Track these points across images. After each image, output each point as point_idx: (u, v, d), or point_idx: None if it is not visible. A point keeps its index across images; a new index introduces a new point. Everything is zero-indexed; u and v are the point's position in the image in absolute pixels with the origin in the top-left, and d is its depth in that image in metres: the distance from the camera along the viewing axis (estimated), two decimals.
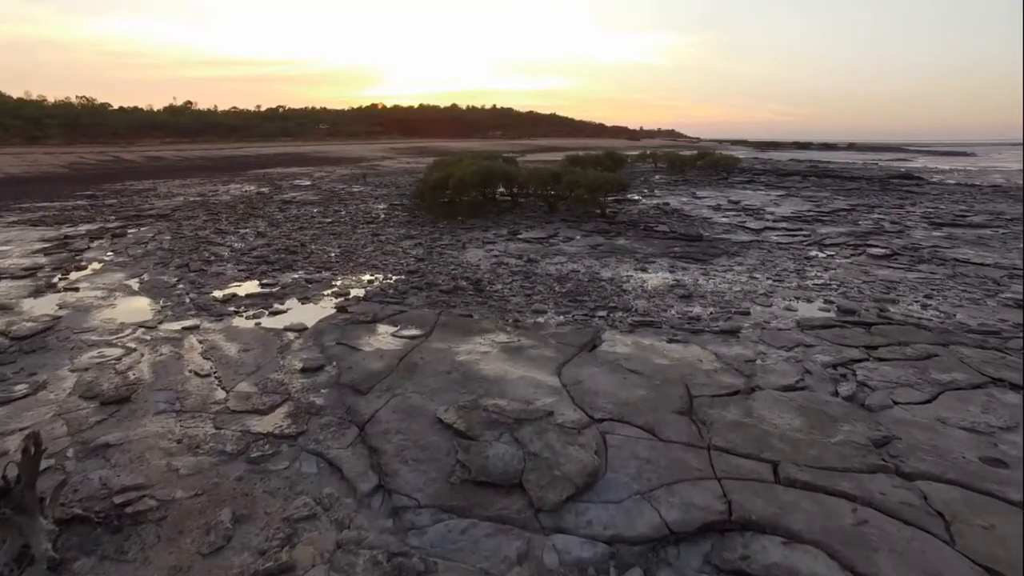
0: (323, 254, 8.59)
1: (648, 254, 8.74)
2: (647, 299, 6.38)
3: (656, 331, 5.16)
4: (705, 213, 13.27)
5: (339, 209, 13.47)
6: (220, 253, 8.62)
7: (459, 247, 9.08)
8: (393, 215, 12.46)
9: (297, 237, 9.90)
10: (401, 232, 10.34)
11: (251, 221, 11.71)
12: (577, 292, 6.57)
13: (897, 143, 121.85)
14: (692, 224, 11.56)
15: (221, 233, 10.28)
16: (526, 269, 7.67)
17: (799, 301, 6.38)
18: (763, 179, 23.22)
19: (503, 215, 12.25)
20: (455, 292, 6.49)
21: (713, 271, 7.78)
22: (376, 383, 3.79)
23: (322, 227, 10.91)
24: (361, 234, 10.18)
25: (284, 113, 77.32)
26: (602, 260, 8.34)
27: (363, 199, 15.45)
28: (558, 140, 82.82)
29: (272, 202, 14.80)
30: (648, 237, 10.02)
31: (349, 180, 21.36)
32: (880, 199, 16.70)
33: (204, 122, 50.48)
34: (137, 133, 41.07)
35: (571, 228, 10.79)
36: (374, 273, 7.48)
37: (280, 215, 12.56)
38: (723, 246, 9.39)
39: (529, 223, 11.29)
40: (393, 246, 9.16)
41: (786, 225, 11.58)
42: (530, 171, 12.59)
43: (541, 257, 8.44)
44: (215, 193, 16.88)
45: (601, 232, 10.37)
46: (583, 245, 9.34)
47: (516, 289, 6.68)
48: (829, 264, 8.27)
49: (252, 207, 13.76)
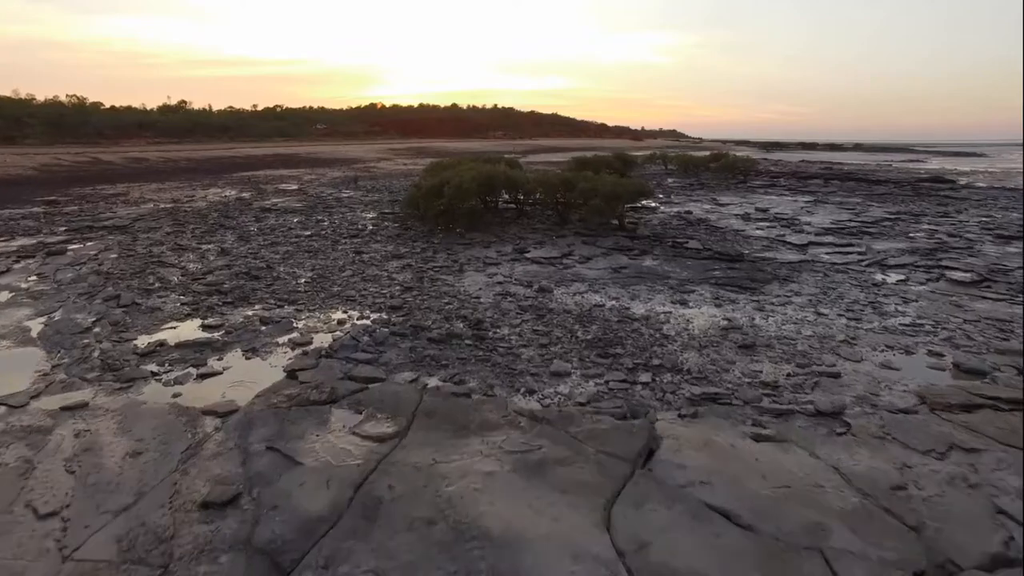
0: (291, 280, 7.10)
1: (684, 280, 7.25)
2: (698, 350, 4.90)
3: (728, 412, 3.68)
4: (735, 224, 11.77)
5: (322, 219, 11.99)
6: (168, 278, 7.14)
7: (455, 270, 7.59)
8: (382, 227, 10.97)
9: (266, 256, 8.42)
10: (388, 249, 8.85)
11: (219, 234, 10.23)
12: (607, 340, 5.08)
13: (902, 143, 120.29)
14: (725, 238, 10.06)
15: (179, 250, 8.80)
16: (538, 302, 6.18)
17: (895, 353, 4.90)
18: (783, 183, 21.73)
19: (507, 227, 10.76)
20: (448, 341, 5.00)
21: (768, 304, 6.30)
22: (310, 546, 2.31)
23: (298, 242, 9.43)
24: (341, 252, 8.69)
25: (280, 112, 75.83)
26: (630, 288, 6.85)
27: (351, 206, 13.97)
28: (560, 140, 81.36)
29: (250, 210, 13.32)
30: (679, 256, 8.52)
31: (339, 184, 19.88)
32: (919, 205, 15.21)
33: (195, 121, 48.90)
34: (124, 133, 39.55)
35: (587, 244, 9.29)
36: (348, 308, 5.99)
37: (254, 226, 11.08)
38: (770, 269, 7.90)
39: (538, 237, 9.80)
40: (377, 268, 7.68)
41: (832, 240, 10.08)
42: (538, 177, 11.10)
43: (555, 284, 6.95)
44: (191, 199, 15.40)
45: (623, 249, 8.88)
46: (604, 267, 7.84)
47: (527, 335, 5.19)
48: (906, 294, 6.77)
49: (226, 216, 12.29)
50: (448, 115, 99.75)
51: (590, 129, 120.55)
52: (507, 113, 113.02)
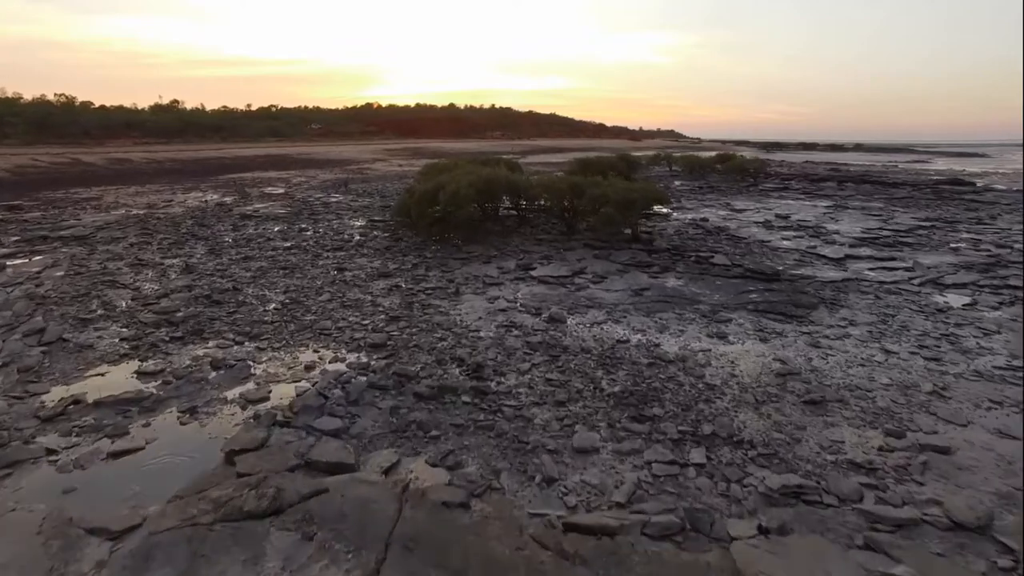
0: (259, 306, 6.06)
1: (717, 305, 6.22)
2: (755, 408, 3.89)
3: (825, 520, 2.67)
4: (758, 233, 10.76)
5: (305, 227, 10.94)
6: (115, 303, 6.10)
7: (451, 292, 6.56)
8: (370, 237, 9.92)
9: (235, 273, 7.37)
10: (375, 266, 7.81)
11: (189, 245, 9.18)
12: (639, 394, 4.05)
13: (902, 143, 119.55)
14: (752, 251, 9.04)
15: (138, 266, 7.75)
16: (549, 337, 5.15)
17: (1007, 411, 3.89)
18: (796, 186, 20.72)
19: (509, 237, 9.73)
20: (440, 397, 3.96)
21: (821, 337, 5.29)
22: None
23: (275, 256, 8.38)
24: (321, 269, 7.65)
25: (275, 112, 74.55)
26: (656, 317, 5.82)
27: (339, 212, 12.91)
28: (559, 141, 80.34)
29: (229, 217, 12.26)
30: (706, 274, 7.50)
31: (329, 187, 18.81)
32: (947, 211, 14.22)
33: (186, 121, 47.63)
34: (111, 133, 38.32)
35: (600, 259, 8.26)
36: (321, 346, 4.96)
37: (230, 236, 10.03)
38: (812, 289, 6.88)
39: (543, 250, 8.76)
40: (360, 290, 6.64)
41: (870, 252, 9.07)
42: (543, 182, 10.07)
43: (568, 312, 5.92)
44: (168, 204, 14.33)
45: (641, 266, 7.85)
46: (622, 288, 6.82)
47: (539, 385, 4.16)
48: (981, 322, 5.76)
49: (201, 224, 11.23)
50: (445, 115, 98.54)
51: (588, 129, 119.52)
52: (505, 113, 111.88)
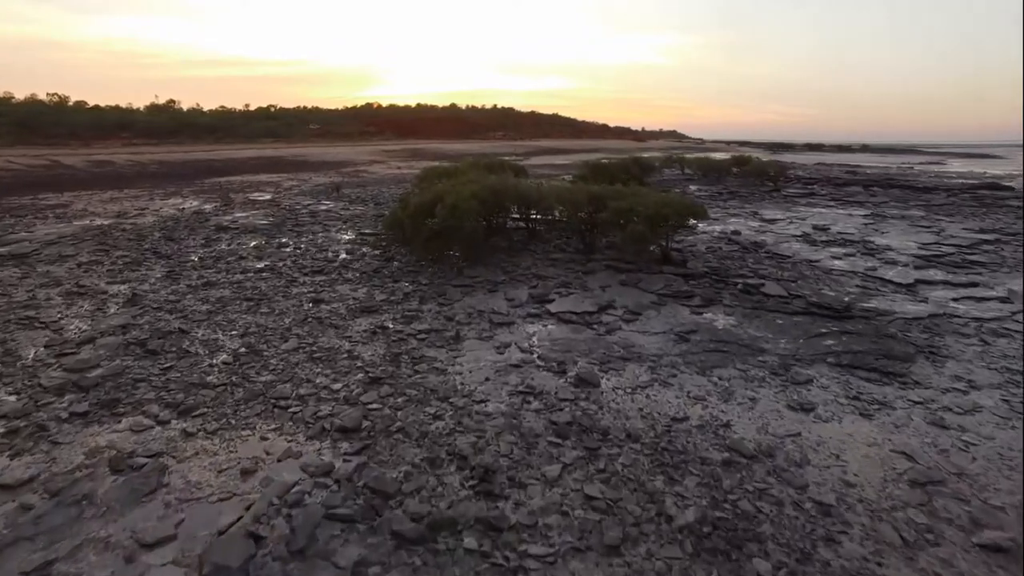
0: (205, 358, 4.75)
1: (787, 356, 4.90)
2: (905, 558, 2.57)
3: None
4: (801, 250, 9.43)
5: (286, 243, 9.63)
6: (19, 352, 4.82)
7: (450, 337, 5.24)
8: (357, 255, 8.61)
9: (189, 307, 6.07)
10: (359, 296, 6.49)
11: (146, 266, 7.88)
12: (724, 526, 2.74)
13: (907, 144, 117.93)
14: (801, 273, 7.71)
15: (76, 295, 6.46)
16: (582, 414, 3.84)
17: None
18: (820, 190, 19.38)
19: (518, 256, 8.41)
20: (432, 540, 2.64)
21: (941, 409, 3.98)
22: None
23: (243, 281, 7.08)
24: (294, 300, 6.34)
25: (273, 112, 73.23)
26: (714, 376, 4.50)
27: (326, 223, 11.60)
28: (562, 141, 79.00)
29: (203, 228, 10.96)
30: (761, 308, 6.16)
31: (320, 192, 17.49)
32: (1001, 220, 12.88)
33: (180, 122, 46.33)
34: (100, 134, 37.02)
35: (628, 286, 6.94)
36: (272, 429, 3.64)
37: (198, 253, 8.73)
38: (897, 330, 5.55)
39: (559, 273, 7.44)
40: (336, 333, 5.32)
41: (942, 276, 7.75)
42: (557, 192, 8.74)
43: (600, 366, 4.61)
44: (141, 212, 13.03)
45: (680, 296, 6.52)
46: (663, 330, 5.49)
47: (576, 510, 2.85)
48: None
49: (169, 238, 9.93)
50: (446, 115, 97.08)
51: (591, 130, 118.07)
52: (507, 113, 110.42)
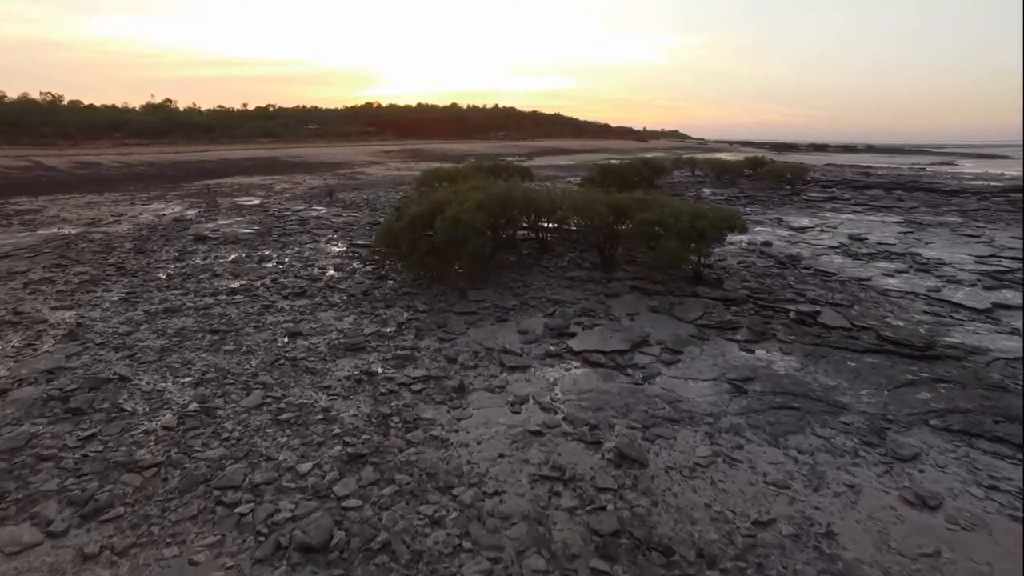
0: (141, 421, 3.74)
1: (876, 417, 3.88)
2: None
3: None
4: (844, 264, 8.42)
5: (268, 255, 8.63)
6: None
7: (452, 390, 4.22)
8: (347, 272, 7.62)
9: (140, 341, 5.07)
10: (344, 328, 5.48)
11: (104, 286, 6.89)
12: None
13: (913, 145, 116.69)
14: (855, 296, 6.70)
15: (5, 326, 5.46)
16: (630, 514, 2.83)
17: None
18: (841, 194, 18.35)
19: (529, 275, 7.40)
20: None
21: None
22: None
23: (211, 307, 6.08)
24: (268, 333, 5.34)
25: (270, 112, 72.19)
26: (790, 447, 3.49)
27: (316, 233, 10.60)
28: (564, 141, 77.97)
29: (180, 238, 9.97)
30: (823, 344, 5.13)
31: (313, 196, 16.48)
32: None
33: (174, 121, 45.28)
34: (91, 133, 36.00)
35: (660, 313, 5.92)
36: (207, 552, 2.63)
37: (167, 269, 7.74)
38: (1002, 376, 4.53)
39: (578, 296, 6.43)
40: (312, 381, 4.32)
41: (1017, 298, 6.73)
42: (573, 200, 7.72)
43: (644, 432, 3.60)
44: (117, 219, 12.04)
45: (723, 328, 5.50)
46: (713, 376, 4.48)
47: None
48: None
49: (140, 250, 8.94)
50: (447, 115, 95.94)
51: (593, 130, 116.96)
52: (508, 113, 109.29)
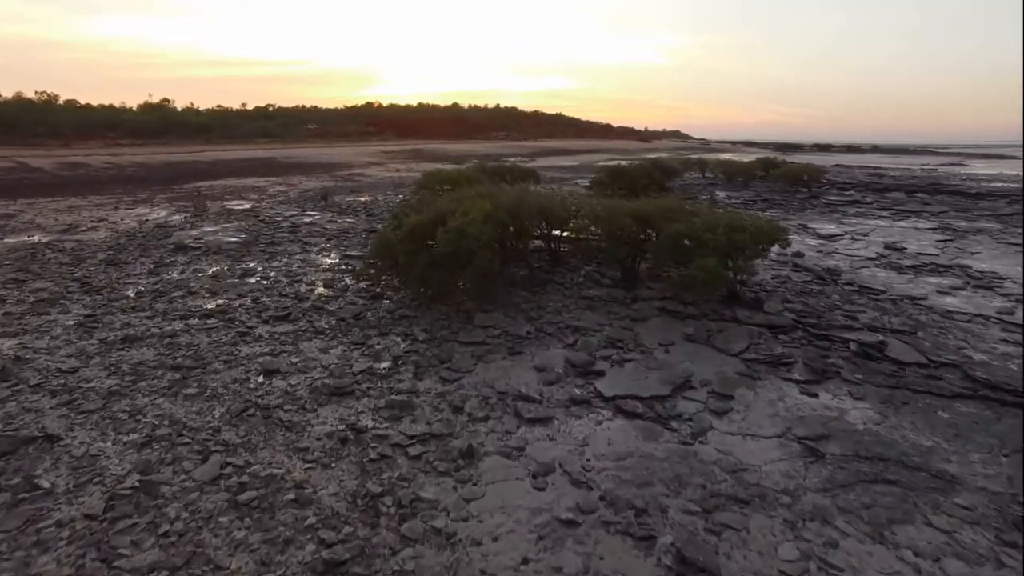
0: (58, 507, 2.93)
1: (1002, 496, 3.05)
2: None
3: None
4: (888, 279, 7.60)
5: (252, 269, 7.82)
6: None
7: (459, 455, 3.39)
8: (337, 289, 6.80)
9: (85, 381, 4.25)
10: (330, 364, 4.66)
11: (60, 306, 6.09)
12: None
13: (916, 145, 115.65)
14: (914, 319, 5.87)
15: None
16: None
17: None
18: (860, 197, 17.52)
19: (542, 293, 6.58)
20: None
21: None
22: None
23: (179, 334, 5.26)
24: (240, 371, 4.52)
25: (269, 112, 71.38)
26: (902, 548, 2.67)
27: (307, 241, 9.79)
28: (566, 141, 77.13)
29: (160, 247, 9.16)
30: (899, 386, 4.29)
31: (308, 200, 15.65)
32: None
33: (171, 121, 44.47)
34: (85, 134, 35.22)
35: (697, 342, 5.10)
36: None
37: (139, 285, 6.94)
38: None
39: (600, 320, 5.61)
40: (287, 443, 3.50)
41: None
42: (592, 211, 6.90)
43: (705, 520, 2.78)
44: (96, 225, 11.24)
45: (774, 362, 4.67)
46: (777, 433, 3.65)
47: None
48: None
49: (112, 262, 8.14)
50: (448, 115, 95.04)
51: (595, 130, 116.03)
52: (509, 113, 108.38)
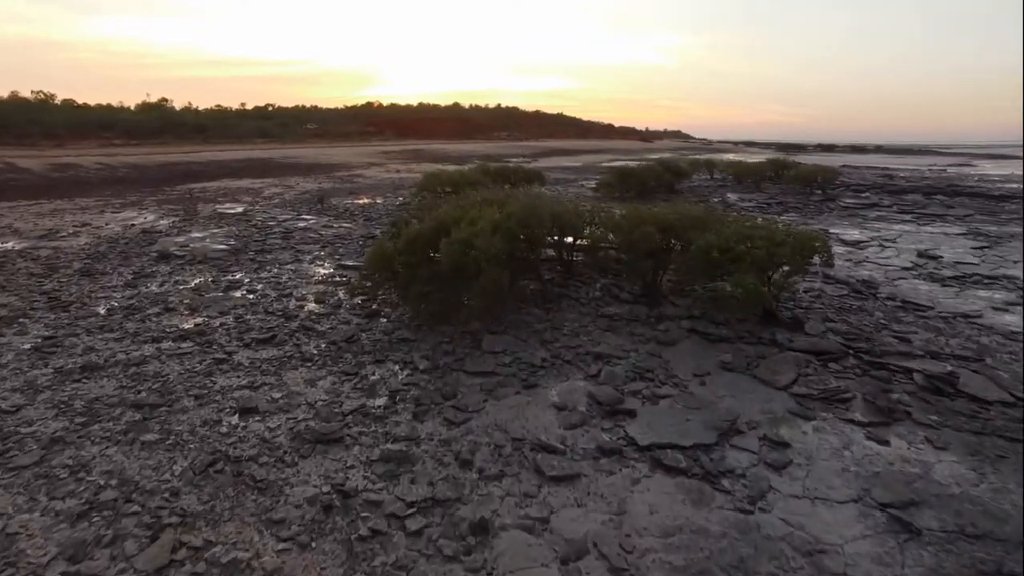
0: None
1: None
2: None
3: None
4: (931, 292, 6.97)
5: (238, 281, 7.19)
6: None
7: (469, 529, 2.75)
8: (330, 305, 6.17)
9: (26, 424, 3.63)
10: (316, 402, 4.02)
11: (18, 326, 5.46)
12: None
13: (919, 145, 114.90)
14: (977, 343, 5.23)
15: None
16: None
17: None
18: (878, 199, 16.87)
19: (556, 310, 5.94)
20: None
21: None
22: None
23: (146, 362, 4.63)
24: (211, 409, 3.88)
25: (268, 112, 70.77)
26: None
27: (300, 249, 9.15)
28: (568, 142, 76.50)
29: (141, 256, 8.54)
30: (985, 431, 3.65)
31: (304, 203, 15.02)
32: None
33: (167, 121, 43.85)
34: (80, 133, 34.60)
35: (737, 372, 4.46)
36: None
37: (111, 300, 6.31)
38: None
39: (626, 346, 4.97)
40: (258, 511, 2.86)
41: None
42: (610, 219, 6.25)
43: None
44: (77, 231, 10.62)
45: (828, 400, 4.02)
46: (853, 498, 3.00)
47: None
48: None
49: (89, 271, 7.53)
50: (449, 115, 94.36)
51: (597, 130, 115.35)
52: (511, 113, 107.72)
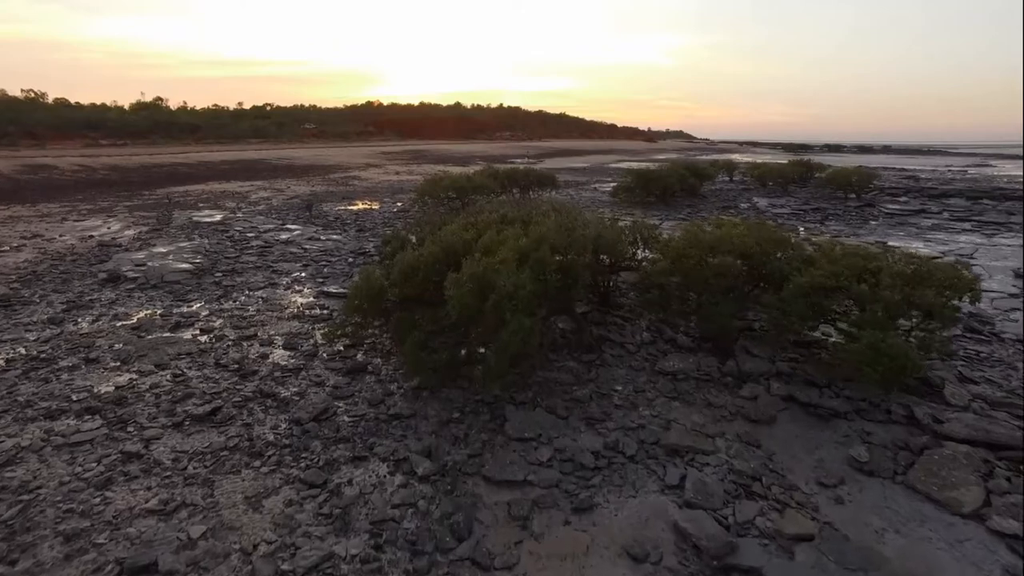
0: None
1: None
2: None
3: None
4: None
5: (195, 313, 5.77)
6: None
7: None
8: (302, 353, 4.75)
9: None
10: (258, 544, 2.60)
11: None
12: None
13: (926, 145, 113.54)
14: None
15: None
16: None
17: None
18: (921, 204, 15.43)
19: (598, 364, 4.52)
20: None
21: None
22: None
23: (23, 459, 3.22)
24: (88, 563, 2.45)
25: (265, 111, 69.38)
26: None
27: (277, 268, 7.74)
28: (572, 142, 75.07)
29: (87, 277, 7.13)
30: None
31: (292, 209, 13.59)
32: None
33: (157, 120, 42.41)
34: (65, 133, 33.22)
35: (875, 475, 3.04)
36: None
37: (21, 343, 4.90)
38: None
39: (707, 430, 3.55)
40: None
41: None
42: (672, 246, 4.78)
43: None
44: (23, 242, 9.20)
45: None
46: None
47: None
48: None
49: (8, 302, 6.10)
50: (450, 115, 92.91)
51: (600, 129, 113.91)
52: (513, 113, 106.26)
